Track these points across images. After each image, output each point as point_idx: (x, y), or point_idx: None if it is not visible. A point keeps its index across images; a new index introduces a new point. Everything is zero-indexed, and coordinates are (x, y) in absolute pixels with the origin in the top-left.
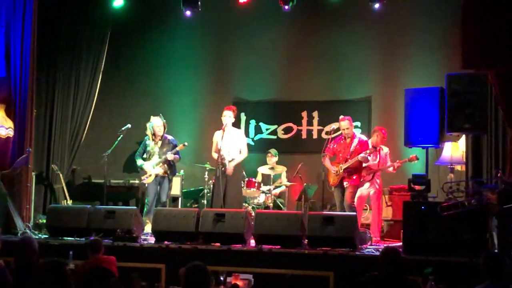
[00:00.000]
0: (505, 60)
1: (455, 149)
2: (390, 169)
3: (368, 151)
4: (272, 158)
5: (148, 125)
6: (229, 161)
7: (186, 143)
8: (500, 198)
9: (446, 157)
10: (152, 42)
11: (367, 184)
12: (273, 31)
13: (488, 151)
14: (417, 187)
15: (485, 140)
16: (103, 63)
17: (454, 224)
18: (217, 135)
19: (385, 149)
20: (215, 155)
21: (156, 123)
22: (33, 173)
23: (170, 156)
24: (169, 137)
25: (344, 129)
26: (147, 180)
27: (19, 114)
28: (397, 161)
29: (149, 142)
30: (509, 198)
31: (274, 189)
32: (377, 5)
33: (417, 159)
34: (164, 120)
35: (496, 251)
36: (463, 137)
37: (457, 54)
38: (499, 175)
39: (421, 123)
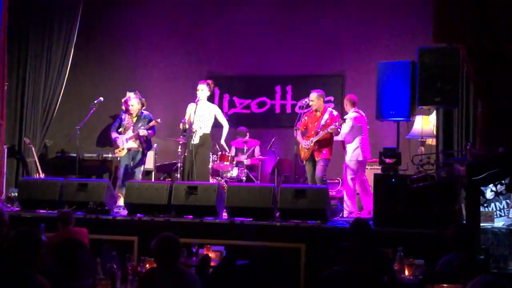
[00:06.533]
0: (474, 34)
1: (425, 123)
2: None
3: (337, 123)
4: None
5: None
6: (200, 136)
7: (159, 120)
8: (468, 170)
9: (416, 131)
10: (125, 14)
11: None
12: (247, 5)
13: (459, 124)
14: (388, 160)
15: (456, 113)
16: (75, 36)
17: (424, 196)
18: (191, 107)
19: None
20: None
21: (130, 99)
22: (5, 147)
23: (142, 132)
24: (145, 112)
25: (311, 101)
26: (119, 154)
27: None
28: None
29: (125, 116)
30: (477, 170)
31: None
32: None
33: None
34: (144, 99)
35: (464, 222)
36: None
37: (429, 28)
38: (468, 147)
39: (392, 97)
